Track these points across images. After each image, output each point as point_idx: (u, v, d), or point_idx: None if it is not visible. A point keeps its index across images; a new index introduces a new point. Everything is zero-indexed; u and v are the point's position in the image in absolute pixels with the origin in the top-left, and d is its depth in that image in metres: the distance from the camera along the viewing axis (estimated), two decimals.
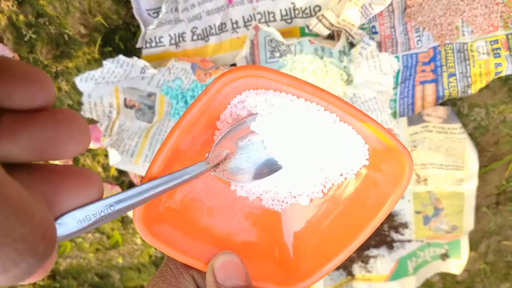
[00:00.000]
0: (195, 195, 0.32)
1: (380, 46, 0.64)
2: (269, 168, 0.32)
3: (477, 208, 0.83)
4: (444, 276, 0.93)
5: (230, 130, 0.31)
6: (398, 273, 0.89)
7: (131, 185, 0.81)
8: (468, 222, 0.83)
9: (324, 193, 0.34)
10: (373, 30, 0.64)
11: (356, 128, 0.31)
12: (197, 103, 0.29)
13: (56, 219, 0.20)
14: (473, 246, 0.90)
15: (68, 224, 0.20)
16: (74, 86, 0.72)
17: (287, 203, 0.35)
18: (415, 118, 0.71)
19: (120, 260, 0.92)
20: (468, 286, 0.96)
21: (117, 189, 0.80)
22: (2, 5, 0.65)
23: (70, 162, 0.78)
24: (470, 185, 0.78)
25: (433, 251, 0.89)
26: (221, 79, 0.29)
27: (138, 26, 0.67)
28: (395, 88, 0.67)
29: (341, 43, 0.61)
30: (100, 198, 0.21)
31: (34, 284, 0.92)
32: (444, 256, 0.88)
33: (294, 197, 0.34)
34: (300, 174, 0.33)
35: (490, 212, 0.87)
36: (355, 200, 0.33)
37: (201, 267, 0.30)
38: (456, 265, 0.88)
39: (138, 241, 0.90)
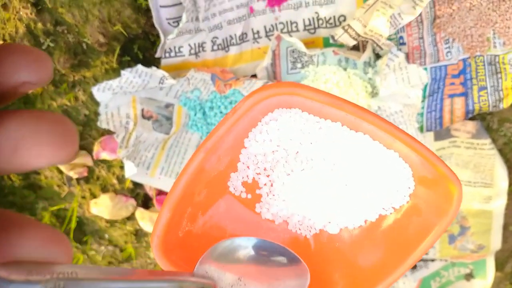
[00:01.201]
0: (218, 218, 0.30)
1: (407, 58, 0.61)
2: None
3: (504, 227, 0.80)
4: None
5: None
6: None
7: (146, 197, 0.79)
8: (496, 242, 0.80)
9: (361, 225, 0.32)
10: (401, 41, 0.62)
11: (402, 153, 0.28)
12: (225, 123, 0.27)
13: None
14: (499, 266, 0.86)
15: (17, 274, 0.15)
16: (91, 96, 0.71)
17: (315, 229, 0.32)
18: (442, 133, 0.68)
19: None
20: None
21: (132, 201, 0.78)
22: (21, 12, 0.64)
23: (85, 174, 0.76)
24: (499, 203, 0.75)
25: (457, 271, 0.86)
26: (251, 97, 0.26)
27: (158, 36, 0.66)
28: (422, 101, 0.64)
29: (367, 54, 0.59)
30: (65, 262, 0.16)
31: None
32: (469, 276, 0.85)
33: (324, 225, 0.32)
34: (336, 203, 0.30)
35: None
36: (394, 229, 0.30)
37: None
38: (481, 286, 0.85)
39: (151, 255, 0.88)
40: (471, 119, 0.68)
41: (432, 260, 0.83)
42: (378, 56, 0.62)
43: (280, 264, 0.28)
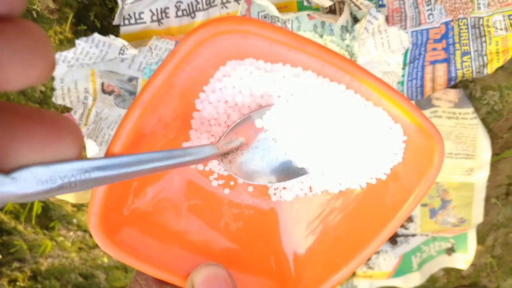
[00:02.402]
0: (171, 193, 0.25)
1: (387, 21, 0.57)
2: (286, 172, 0.26)
3: (486, 199, 0.78)
4: (448, 270, 0.90)
5: (251, 115, 0.24)
6: (402, 269, 0.85)
7: None
8: (477, 215, 0.79)
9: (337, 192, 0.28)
10: (380, 2, 0.57)
11: (385, 108, 0.24)
12: (161, 71, 0.21)
13: (9, 172, 0.14)
14: (480, 239, 0.86)
15: (25, 182, 0.15)
16: None
17: (280, 197, 0.28)
18: (423, 103, 0.65)
19: (105, 260, 0.87)
20: (474, 281, 0.93)
21: None
22: None
23: None
24: (481, 175, 0.73)
25: (438, 245, 0.85)
26: (192, 35, 0.21)
27: (116, 1, 0.60)
28: (403, 68, 0.60)
29: (344, 17, 0.55)
30: (74, 158, 0.15)
31: (14, 284, 0.87)
32: (450, 251, 0.85)
33: (300, 190, 0.28)
34: (312, 167, 0.26)
35: (499, 203, 0.82)
36: (369, 196, 0.27)
37: (179, 282, 0.24)
38: (463, 260, 0.84)
39: None
40: (453, 87, 0.64)
41: (413, 235, 0.82)
42: (355, 20, 0.57)
43: None
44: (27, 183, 0.14)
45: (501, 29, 0.58)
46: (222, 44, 0.22)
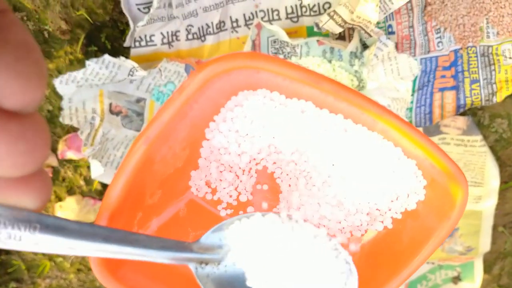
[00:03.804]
0: (177, 223, 0.25)
1: (396, 48, 0.57)
2: None
3: (494, 228, 0.77)
4: None
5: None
6: None
7: None
8: (485, 243, 0.78)
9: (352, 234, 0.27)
10: (390, 30, 0.58)
11: (404, 147, 0.23)
12: (170, 105, 0.21)
13: None
14: (487, 268, 0.84)
15: None
16: (54, 90, 0.65)
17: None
18: (431, 129, 0.64)
19: None
20: None
21: (100, 204, 0.72)
22: None
23: (50, 174, 0.70)
24: (489, 203, 0.72)
25: (444, 273, 0.84)
26: (202, 71, 0.21)
27: (127, 24, 0.60)
28: (411, 95, 0.60)
29: (354, 44, 0.55)
30: (32, 210, 0.14)
31: None
32: (456, 279, 0.83)
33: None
34: (323, 209, 0.25)
35: (507, 232, 0.81)
36: (386, 235, 0.26)
37: None
38: None
39: None
40: (462, 114, 0.64)
41: None
42: (365, 46, 0.58)
43: None
44: None
45: (510, 57, 0.58)
46: (234, 78, 0.22)
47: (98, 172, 0.62)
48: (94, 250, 0.17)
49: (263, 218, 0.22)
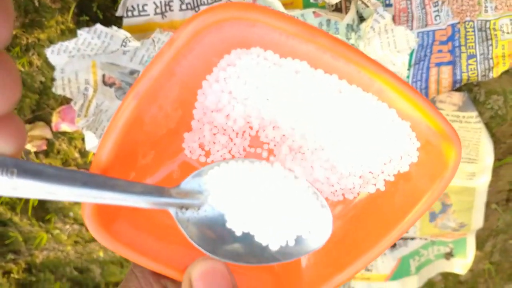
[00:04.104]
0: (170, 184, 0.25)
1: (393, 21, 0.56)
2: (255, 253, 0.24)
3: (486, 205, 0.78)
4: (446, 275, 0.90)
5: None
6: (400, 272, 0.85)
7: None
8: (477, 220, 0.79)
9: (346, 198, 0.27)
10: (387, 2, 0.57)
11: (399, 109, 0.23)
12: (160, 59, 0.20)
13: None
14: (479, 245, 0.86)
15: None
16: (46, 61, 0.64)
17: None
18: None
19: (101, 254, 0.86)
20: (471, 286, 0.93)
21: None
22: None
23: (44, 147, 0.70)
24: (482, 180, 0.72)
25: (437, 249, 0.85)
26: (192, 22, 0.20)
27: None
28: (408, 69, 0.60)
29: (351, 16, 0.54)
30: (8, 155, 0.14)
31: (8, 276, 0.87)
32: (449, 255, 0.85)
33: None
34: (317, 171, 0.25)
35: (500, 209, 0.82)
36: (379, 196, 0.26)
37: (176, 275, 0.23)
38: (461, 265, 0.84)
39: None
40: (458, 90, 0.64)
41: (412, 239, 0.82)
42: (361, 19, 0.57)
43: None
44: None
45: (507, 32, 0.58)
46: (227, 31, 0.21)
47: (92, 143, 0.62)
48: (74, 195, 0.17)
49: (240, 163, 0.22)
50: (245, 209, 0.22)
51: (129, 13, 0.60)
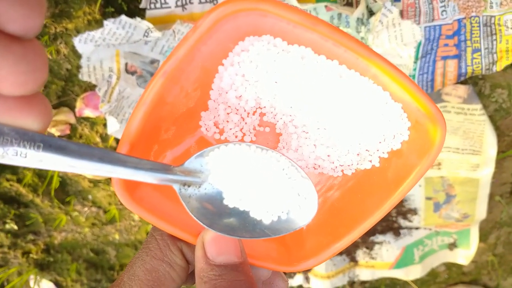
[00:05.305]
0: (189, 154, 0.28)
1: (401, 15, 0.59)
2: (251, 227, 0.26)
3: (490, 197, 0.79)
4: (449, 266, 0.91)
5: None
6: (404, 261, 0.86)
7: None
8: (481, 211, 0.80)
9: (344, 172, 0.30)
10: None
11: (392, 91, 0.26)
12: (184, 43, 0.23)
13: None
14: (482, 237, 0.87)
15: None
16: (73, 49, 0.68)
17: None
18: (433, 97, 0.67)
19: (117, 236, 0.89)
20: (474, 278, 0.93)
21: None
22: None
23: (67, 131, 0.74)
24: (486, 172, 0.74)
25: (441, 240, 0.86)
26: (213, 12, 0.23)
27: None
28: (414, 62, 0.62)
29: (360, 10, 0.57)
30: (36, 131, 0.16)
31: (27, 256, 0.90)
32: (452, 246, 0.85)
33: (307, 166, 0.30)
34: (320, 146, 0.29)
35: (503, 201, 0.83)
36: (373, 171, 0.29)
37: (190, 239, 0.26)
38: (464, 256, 0.85)
39: (136, 217, 0.87)
40: (463, 83, 0.66)
41: (416, 228, 0.83)
42: (371, 14, 0.60)
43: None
44: None
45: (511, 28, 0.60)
46: (242, 20, 0.24)
47: (114, 128, 0.65)
48: (91, 169, 0.19)
49: (238, 146, 0.25)
50: (240, 187, 0.25)
51: (152, 5, 0.63)
